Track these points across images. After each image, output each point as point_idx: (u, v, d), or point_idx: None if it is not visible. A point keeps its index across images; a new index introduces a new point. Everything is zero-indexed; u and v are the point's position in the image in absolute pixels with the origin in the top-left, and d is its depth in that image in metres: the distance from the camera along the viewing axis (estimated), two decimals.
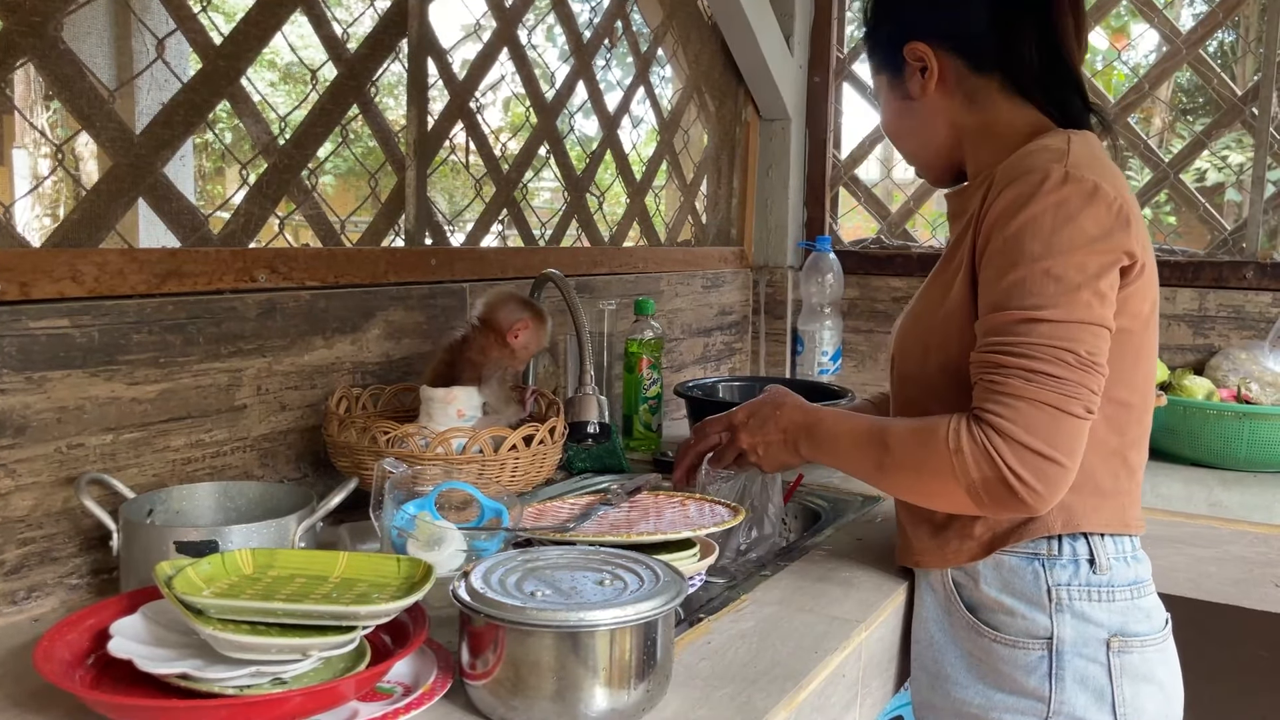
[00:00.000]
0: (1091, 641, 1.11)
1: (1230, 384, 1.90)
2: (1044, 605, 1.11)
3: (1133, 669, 1.11)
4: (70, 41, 1.16)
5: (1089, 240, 1.01)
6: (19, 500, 1.07)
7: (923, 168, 1.28)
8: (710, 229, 2.48)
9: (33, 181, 5.41)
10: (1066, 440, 0.99)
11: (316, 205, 1.48)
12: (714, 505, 1.26)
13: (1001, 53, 1.15)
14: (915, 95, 1.19)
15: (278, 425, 1.34)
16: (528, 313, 1.40)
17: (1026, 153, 1.08)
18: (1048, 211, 1.01)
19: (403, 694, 0.87)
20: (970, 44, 1.16)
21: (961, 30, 1.16)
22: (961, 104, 1.18)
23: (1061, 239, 1.00)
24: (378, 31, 1.53)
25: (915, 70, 1.18)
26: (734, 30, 2.32)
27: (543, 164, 1.93)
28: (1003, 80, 1.16)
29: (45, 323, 1.07)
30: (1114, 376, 1.06)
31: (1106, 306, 1.02)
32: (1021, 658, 1.12)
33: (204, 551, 0.98)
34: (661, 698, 0.89)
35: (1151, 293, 1.11)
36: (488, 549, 1.05)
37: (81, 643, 0.88)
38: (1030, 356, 0.99)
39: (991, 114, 1.17)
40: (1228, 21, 2.20)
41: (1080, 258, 1.00)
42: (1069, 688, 1.10)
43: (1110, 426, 1.10)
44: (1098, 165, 1.06)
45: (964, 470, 1.00)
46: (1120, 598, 1.12)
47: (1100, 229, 1.02)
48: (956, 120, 1.19)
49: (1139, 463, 1.16)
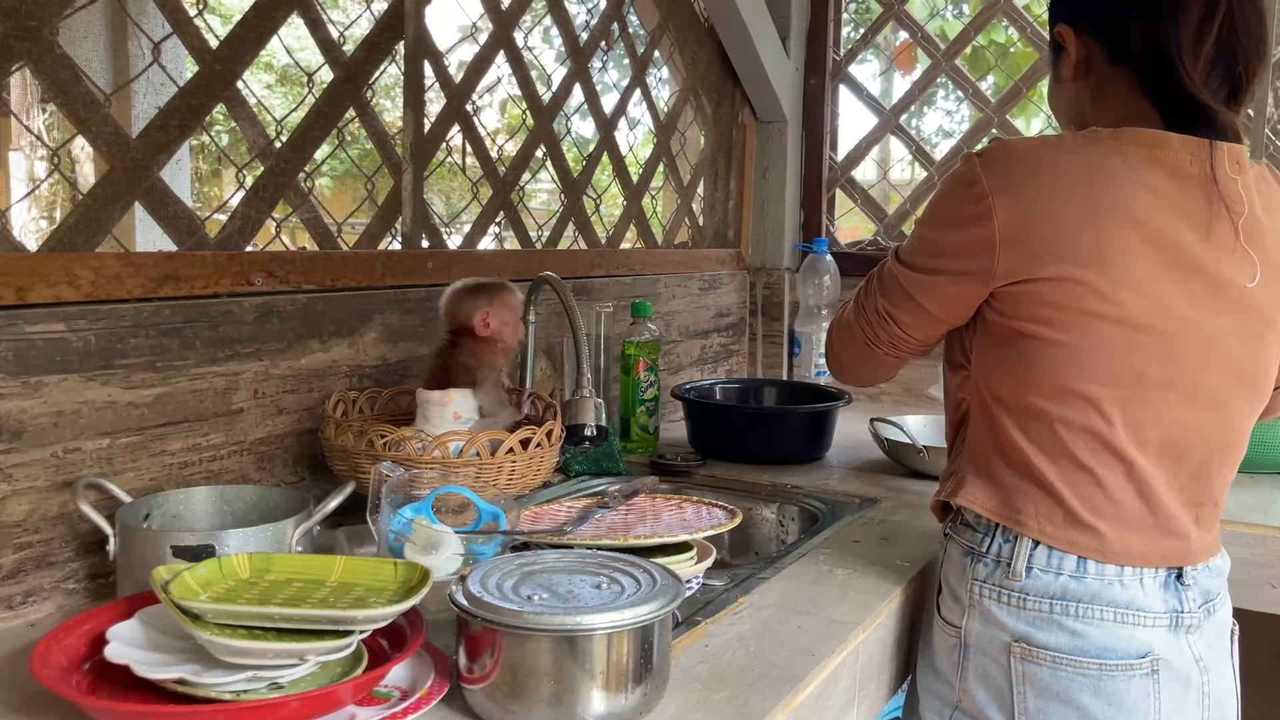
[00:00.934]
0: (995, 642, 1.11)
1: None
2: (962, 597, 1.14)
3: (1039, 682, 1.08)
4: (66, 45, 1.16)
5: (932, 222, 1.12)
6: (15, 505, 1.06)
7: None
8: (707, 231, 2.48)
9: (28, 184, 5.40)
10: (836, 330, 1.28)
11: (313, 208, 1.48)
12: (710, 508, 1.26)
13: (1141, 45, 1.06)
14: (1064, 78, 1.15)
15: (275, 429, 1.34)
16: (483, 297, 1.38)
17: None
18: (939, 186, 1.13)
19: (400, 698, 0.87)
20: (1114, 31, 1.08)
21: (1107, 17, 1.09)
22: (1092, 94, 1.12)
23: (926, 211, 1.14)
24: (374, 34, 1.53)
25: (1066, 54, 1.13)
26: (730, 33, 2.32)
27: (539, 166, 1.93)
28: (1133, 77, 1.08)
29: (41, 327, 1.07)
30: (1020, 378, 1.07)
31: (923, 285, 1.12)
32: (944, 641, 1.16)
33: (201, 556, 0.98)
34: (659, 701, 0.89)
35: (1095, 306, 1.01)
36: (485, 553, 1.05)
37: (78, 648, 0.88)
38: (868, 282, 1.22)
39: (1110, 110, 1.10)
40: None
41: (923, 234, 1.13)
42: (971, 681, 1.13)
43: (1017, 429, 1.08)
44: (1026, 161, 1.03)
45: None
46: (1033, 607, 1.08)
47: (948, 218, 1.09)
48: (1082, 110, 1.14)
49: (1063, 479, 1.07)
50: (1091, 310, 1.02)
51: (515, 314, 1.41)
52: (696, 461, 1.78)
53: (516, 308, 1.41)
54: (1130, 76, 1.08)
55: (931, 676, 1.19)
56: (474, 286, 1.40)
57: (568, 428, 1.39)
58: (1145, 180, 1.02)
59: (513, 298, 1.41)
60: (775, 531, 1.64)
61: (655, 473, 1.70)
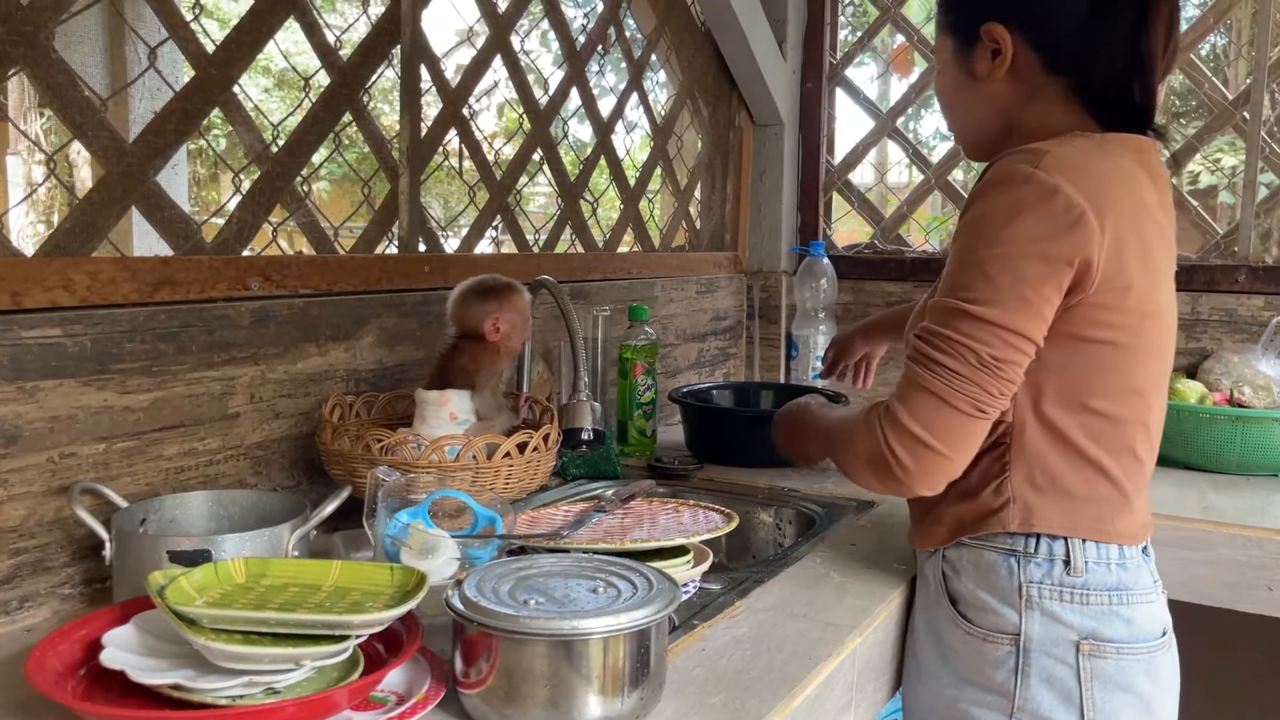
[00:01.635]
0: (1061, 642, 1.11)
1: (1223, 387, 1.91)
2: (1015, 602, 1.12)
3: (1105, 675, 1.10)
4: (62, 50, 1.16)
5: (1029, 240, 1.01)
6: (11, 510, 1.06)
7: (964, 144, 1.25)
8: (704, 234, 2.48)
9: (25, 188, 5.40)
10: (946, 431, 1.04)
11: (310, 212, 1.48)
12: (707, 511, 1.26)
13: (1079, 58, 1.10)
14: (980, 75, 1.14)
15: (271, 433, 1.34)
16: (493, 301, 1.38)
17: (1010, 151, 1.07)
18: (1000, 208, 1.02)
19: (396, 703, 0.87)
20: (1055, 42, 1.10)
21: (1052, 26, 1.10)
22: (1023, 98, 1.13)
23: (1003, 236, 1.02)
24: (371, 38, 1.53)
25: (987, 50, 1.13)
26: (727, 36, 2.32)
27: (536, 169, 1.93)
28: (1070, 84, 1.12)
29: (37, 332, 1.07)
30: (1089, 386, 1.09)
31: (1031, 314, 1.02)
32: (991, 652, 1.13)
33: (197, 560, 0.98)
34: (655, 705, 0.89)
35: (1139, 307, 1.08)
36: (481, 557, 1.05)
37: (74, 653, 0.88)
38: (938, 349, 1.04)
39: (1043, 113, 1.12)
40: (1219, 25, 2.21)
41: (1017, 258, 1.01)
42: (1034, 685, 1.11)
43: (1085, 434, 1.11)
44: (1080, 169, 1.03)
45: (860, 444, 1.08)
46: (1095, 601, 1.11)
47: (1046, 231, 1.01)
48: (1010, 111, 1.14)
49: (1123, 472, 1.12)
50: (1145, 311, 1.09)
51: (524, 316, 1.41)
52: (693, 465, 1.78)
53: (525, 309, 1.41)
54: (1067, 83, 1.12)
55: (971, 690, 1.15)
56: (483, 289, 1.40)
57: (564, 431, 1.38)
58: (1144, 183, 1.09)
59: (521, 299, 1.41)
60: (772, 535, 1.65)
61: (652, 476, 1.70)
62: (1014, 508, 1.12)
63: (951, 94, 1.20)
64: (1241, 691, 2.06)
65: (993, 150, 1.19)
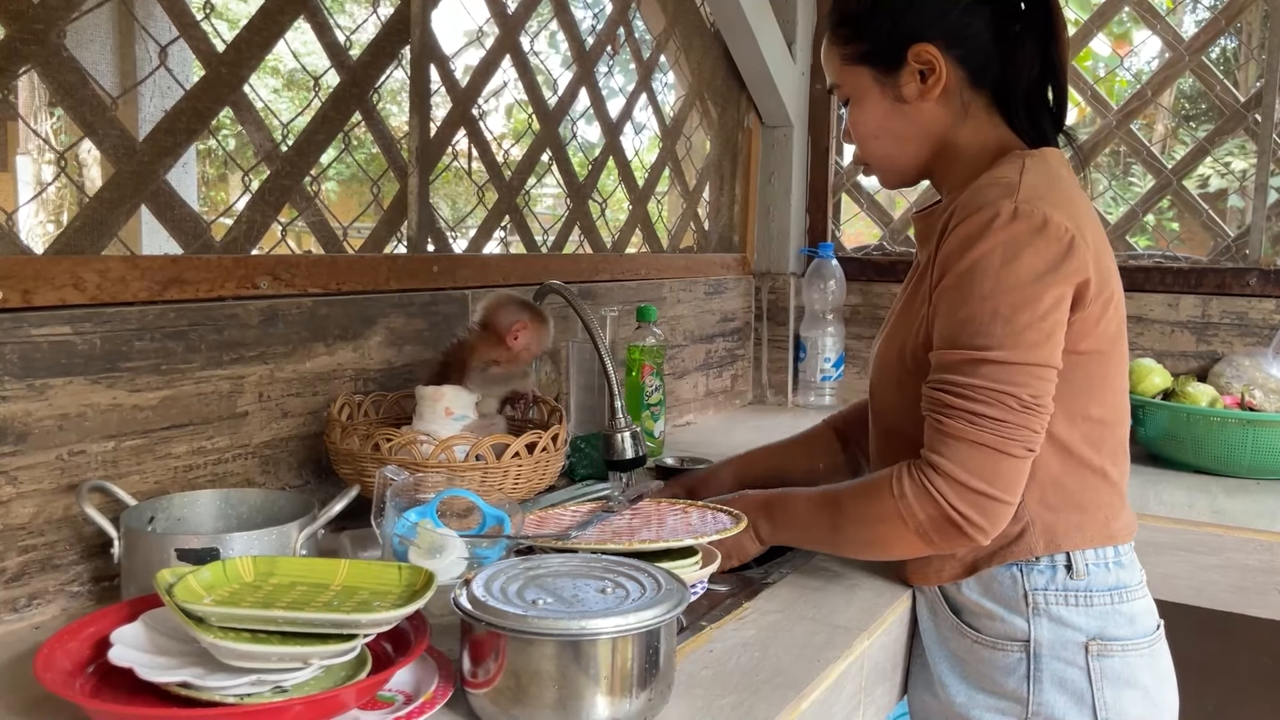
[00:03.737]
0: (1069, 645, 1.12)
1: (1234, 391, 1.90)
2: (1021, 609, 1.13)
3: (1114, 673, 1.12)
4: (73, 49, 1.16)
5: (1036, 276, 1.02)
6: (20, 507, 1.06)
7: (887, 171, 1.24)
8: (712, 236, 2.48)
9: (35, 187, 5.42)
10: (1006, 478, 1.04)
11: (319, 212, 1.48)
12: (716, 513, 1.26)
13: (1001, 69, 1.14)
14: (909, 99, 1.15)
15: (279, 432, 1.34)
16: (526, 314, 1.40)
17: (978, 187, 1.08)
18: (996, 250, 1.03)
19: (404, 702, 0.87)
20: (976, 55, 1.14)
21: (971, 40, 1.13)
22: (955, 116, 1.16)
23: (1009, 276, 1.02)
24: (380, 38, 1.53)
25: (915, 72, 1.14)
26: (736, 37, 2.32)
27: (545, 170, 1.93)
28: (992, 97, 1.16)
29: (47, 330, 1.07)
30: (1088, 396, 1.11)
31: (1053, 345, 1.04)
32: (1001, 659, 1.14)
33: (205, 559, 0.98)
34: (663, 706, 0.89)
35: (1119, 313, 1.12)
36: (489, 557, 1.05)
37: (82, 651, 0.88)
38: (974, 399, 1.03)
39: (973, 130, 1.16)
40: (1230, 28, 2.20)
41: (1028, 295, 1.02)
42: (1047, 690, 1.12)
43: (1088, 444, 1.13)
44: (1052, 193, 1.06)
45: (910, 513, 1.06)
46: (1099, 602, 1.13)
47: (1048, 263, 1.03)
48: (944, 132, 1.17)
49: (1120, 474, 1.17)
50: (1121, 317, 1.13)
51: (541, 345, 1.43)
52: (701, 466, 1.77)
53: (545, 341, 1.43)
54: (989, 96, 1.15)
55: (984, 698, 1.16)
56: (525, 303, 1.42)
57: (608, 461, 1.38)
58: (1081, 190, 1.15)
59: (548, 331, 1.43)
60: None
61: (660, 477, 1.70)
62: (1034, 532, 1.12)
63: (877, 124, 1.19)
64: (1251, 695, 2.05)
65: (917, 175, 1.23)
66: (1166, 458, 1.87)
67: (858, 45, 1.17)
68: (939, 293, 1.08)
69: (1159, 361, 2.01)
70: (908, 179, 1.24)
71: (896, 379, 1.18)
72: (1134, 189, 5.20)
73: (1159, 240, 5.00)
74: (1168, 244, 2.30)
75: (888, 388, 1.21)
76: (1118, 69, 2.52)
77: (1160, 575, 1.47)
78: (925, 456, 1.06)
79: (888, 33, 1.15)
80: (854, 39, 1.18)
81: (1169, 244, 2.29)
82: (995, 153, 1.14)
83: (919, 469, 1.06)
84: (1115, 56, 2.53)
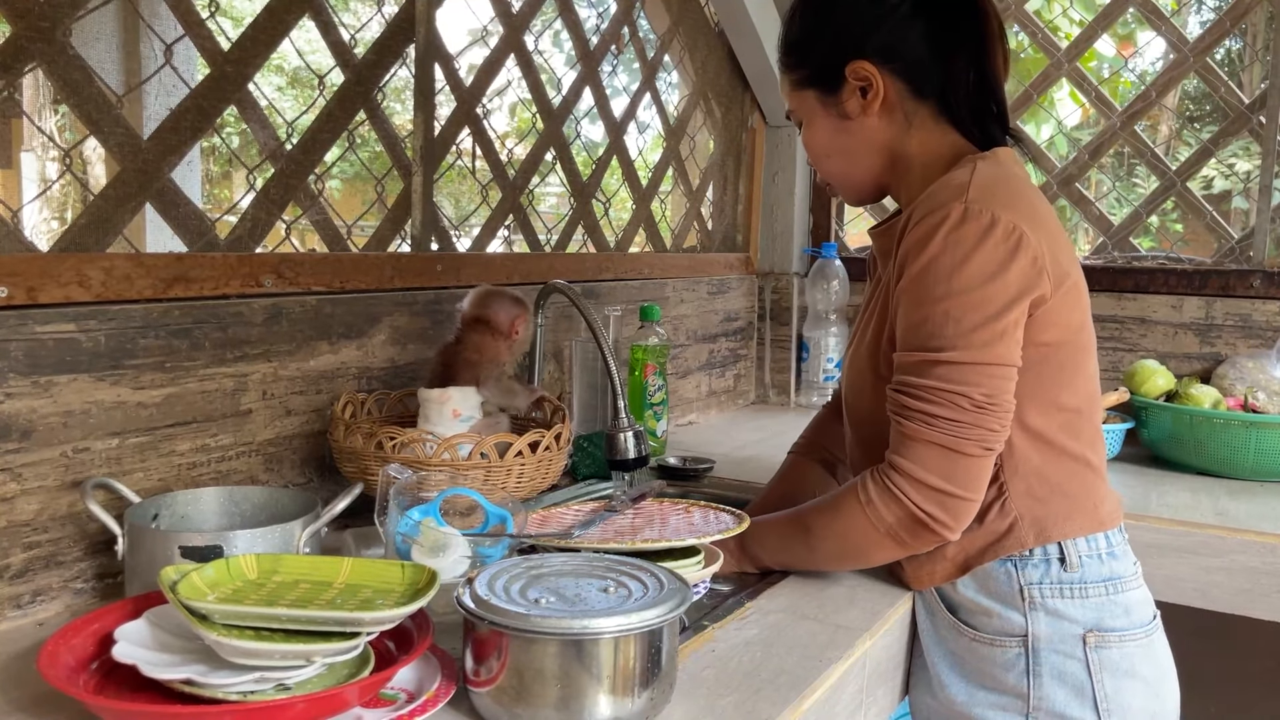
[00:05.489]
0: (1067, 638, 1.13)
1: (1237, 393, 1.90)
2: (1018, 604, 1.14)
3: (1112, 664, 1.12)
4: (79, 47, 1.17)
5: (986, 277, 1.04)
6: (25, 504, 1.07)
7: (846, 188, 1.27)
8: (716, 235, 2.48)
9: (40, 184, 5.43)
10: (963, 477, 1.06)
11: (323, 210, 1.48)
12: (719, 512, 1.26)
13: (941, 79, 1.16)
14: (853, 115, 1.18)
15: (283, 430, 1.34)
16: (520, 307, 1.43)
17: (931, 192, 1.10)
18: (946, 251, 1.04)
19: (406, 700, 0.87)
20: (915, 67, 1.16)
21: (907, 53, 1.15)
22: (900, 127, 1.18)
23: (959, 279, 1.04)
24: (385, 37, 1.53)
25: (855, 89, 1.16)
26: (740, 36, 2.32)
27: (549, 169, 1.94)
28: (937, 106, 1.17)
29: (52, 327, 1.08)
30: (1059, 386, 1.12)
31: (1008, 343, 1.05)
32: (1000, 655, 1.15)
33: (209, 556, 0.98)
34: (666, 705, 0.89)
35: (1081, 300, 1.13)
36: (492, 555, 1.05)
37: (86, 647, 0.88)
38: (928, 400, 1.05)
39: (922, 139, 1.18)
40: (1235, 29, 2.20)
41: (979, 296, 1.04)
42: (1047, 683, 1.13)
43: (1066, 433, 1.14)
44: (1002, 191, 1.07)
45: (878, 517, 1.09)
46: (1094, 594, 1.13)
47: (998, 263, 1.04)
48: (891, 144, 1.18)
49: (1099, 460, 1.18)
50: (1085, 305, 1.14)
51: (527, 339, 1.46)
52: (704, 465, 1.78)
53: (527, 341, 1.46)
54: (934, 105, 1.17)
55: (984, 694, 1.16)
56: (515, 296, 1.44)
57: (610, 460, 1.38)
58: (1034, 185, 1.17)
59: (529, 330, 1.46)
60: None
61: (662, 477, 1.70)
62: (1023, 525, 1.13)
63: (827, 142, 1.22)
64: (1255, 698, 2.05)
65: (877, 190, 1.25)
66: (1169, 459, 1.87)
67: (802, 70, 1.21)
68: (896, 296, 1.10)
69: (1162, 363, 2.01)
70: (865, 194, 1.26)
71: (871, 386, 1.19)
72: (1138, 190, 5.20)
73: (1163, 242, 5.00)
74: (1171, 245, 2.30)
75: (862, 397, 1.22)
76: (1122, 70, 2.52)
77: (1163, 577, 1.47)
78: (888, 459, 1.09)
79: (825, 54, 1.18)
80: (798, 65, 1.22)
81: (1173, 245, 2.29)
82: (948, 160, 1.16)
83: (882, 473, 1.09)
84: (1120, 58, 2.53)
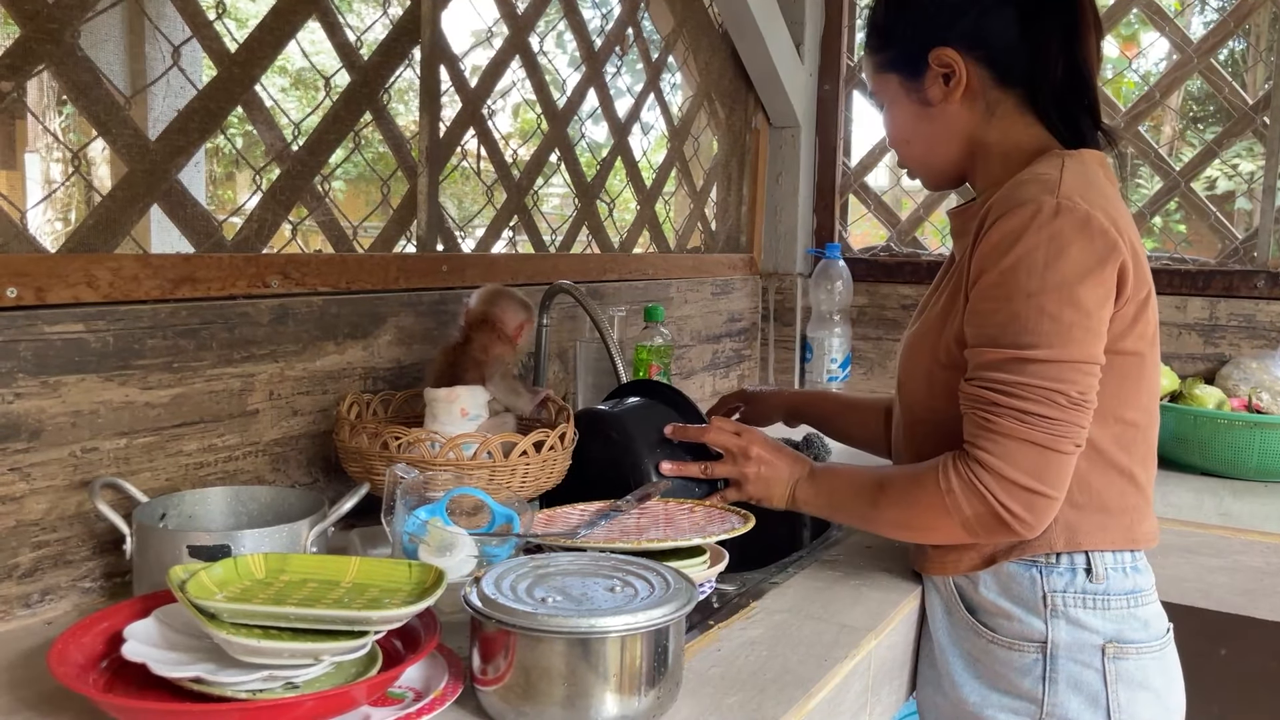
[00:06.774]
0: (1086, 647, 1.12)
1: (1241, 393, 1.90)
2: (1039, 610, 1.13)
3: (1128, 676, 1.12)
4: (87, 49, 1.17)
5: (1083, 273, 1.02)
6: (33, 504, 1.07)
7: (926, 174, 1.26)
8: (720, 236, 2.48)
9: (44, 185, 5.44)
10: (1054, 475, 1.05)
11: (329, 211, 1.49)
12: (724, 512, 1.26)
13: (1029, 68, 1.14)
14: (934, 101, 1.17)
15: (289, 430, 1.35)
16: (525, 311, 1.43)
17: (1019, 182, 1.08)
18: (1040, 246, 1.02)
19: (414, 699, 0.87)
20: (1001, 56, 1.14)
21: (993, 41, 1.14)
22: (981, 116, 1.16)
23: (1055, 274, 1.02)
24: (390, 38, 1.54)
25: (938, 76, 1.15)
26: (744, 38, 2.32)
27: (553, 170, 1.94)
28: (1023, 96, 1.15)
29: (60, 327, 1.08)
30: (1121, 398, 1.10)
31: (1098, 342, 1.05)
32: (1017, 659, 1.14)
33: (217, 556, 0.99)
34: (672, 704, 0.89)
35: (1155, 316, 1.13)
36: (499, 555, 1.06)
37: (95, 646, 0.89)
38: (1023, 397, 1.03)
39: (1005, 129, 1.16)
40: (1239, 30, 2.20)
41: (1073, 292, 1.02)
42: (1062, 691, 1.13)
43: (1118, 446, 1.12)
44: (1091, 191, 1.06)
45: (956, 507, 1.07)
46: (1116, 606, 1.13)
47: (1094, 259, 1.03)
48: (973, 132, 1.17)
49: (1147, 478, 1.17)
50: (1157, 321, 1.13)
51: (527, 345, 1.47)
52: None
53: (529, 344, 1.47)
54: (1020, 95, 1.15)
55: (997, 697, 1.16)
56: (520, 297, 1.44)
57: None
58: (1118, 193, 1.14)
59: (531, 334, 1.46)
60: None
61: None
62: (1055, 528, 1.12)
63: (908, 128, 1.22)
64: (1258, 698, 2.05)
65: (956, 177, 1.24)
66: (1173, 460, 1.87)
67: (885, 53, 1.21)
68: (978, 290, 1.07)
69: (1166, 364, 2.01)
70: (945, 180, 1.25)
71: (927, 372, 1.18)
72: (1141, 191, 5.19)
73: (1166, 242, 4.99)
74: (1175, 246, 2.30)
75: (917, 381, 1.21)
76: (1126, 71, 2.52)
77: (1167, 577, 1.47)
78: (972, 453, 1.06)
79: (909, 39, 1.17)
80: (882, 48, 1.21)
81: (1176, 246, 2.29)
82: (1031, 152, 1.14)
83: (966, 465, 1.06)
84: (1123, 59, 2.53)
